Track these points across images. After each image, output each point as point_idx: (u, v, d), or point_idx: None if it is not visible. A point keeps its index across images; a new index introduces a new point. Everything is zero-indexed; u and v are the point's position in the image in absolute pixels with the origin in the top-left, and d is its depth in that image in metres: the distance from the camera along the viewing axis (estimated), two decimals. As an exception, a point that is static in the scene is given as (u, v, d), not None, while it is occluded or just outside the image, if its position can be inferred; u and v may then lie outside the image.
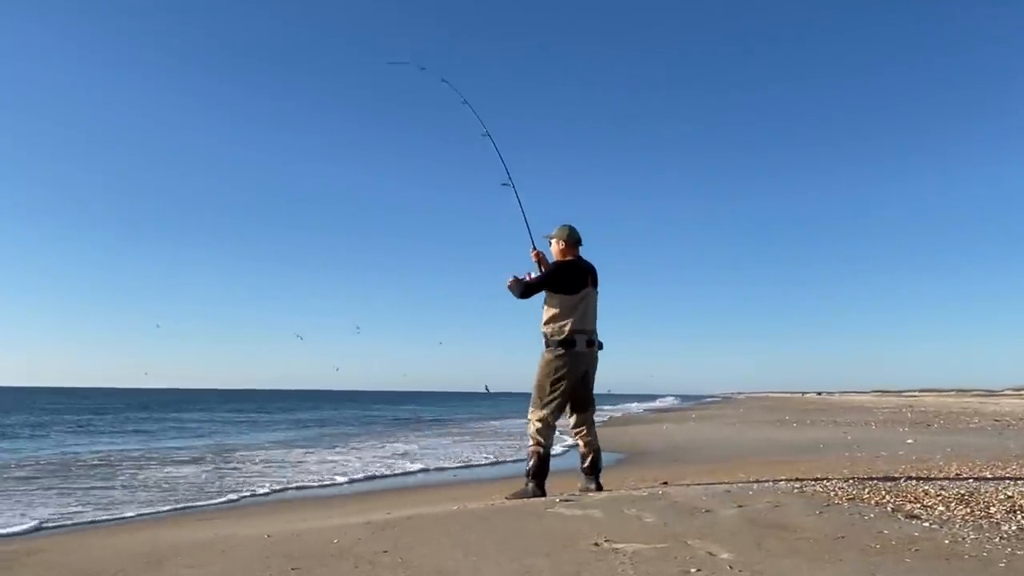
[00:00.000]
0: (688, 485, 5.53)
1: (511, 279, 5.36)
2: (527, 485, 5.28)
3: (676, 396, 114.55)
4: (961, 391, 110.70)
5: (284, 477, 10.33)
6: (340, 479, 10.08)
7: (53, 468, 11.60)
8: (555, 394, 5.29)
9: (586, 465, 5.43)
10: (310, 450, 15.20)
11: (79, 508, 7.60)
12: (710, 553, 3.24)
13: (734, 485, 5.32)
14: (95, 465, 12.15)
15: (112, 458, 13.38)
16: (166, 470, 11.32)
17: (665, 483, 5.96)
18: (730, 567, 3.02)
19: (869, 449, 9.99)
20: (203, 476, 10.46)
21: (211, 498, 8.33)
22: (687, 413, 33.31)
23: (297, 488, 9.27)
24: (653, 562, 3.14)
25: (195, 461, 12.78)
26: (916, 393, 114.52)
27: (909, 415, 23.80)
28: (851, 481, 5.35)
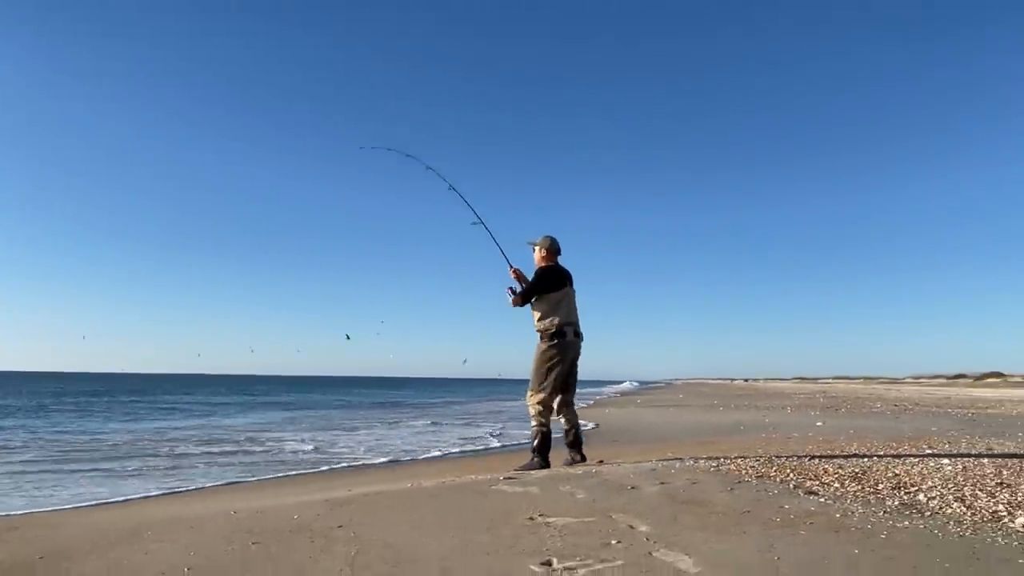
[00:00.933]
0: (620, 464, 5.58)
1: (511, 297, 5.66)
2: (533, 459, 5.56)
3: (634, 381, 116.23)
4: (868, 379, 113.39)
5: (257, 459, 10.17)
6: (308, 457, 9.97)
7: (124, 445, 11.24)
8: (550, 379, 5.54)
9: (570, 440, 5.75)
10: (294, 432, 14.97)
11: (81, 489, 7.38)
12: (631, 526, 3.28)
13: (660, 464, 5.38)
14: (118, 445, 11.82)
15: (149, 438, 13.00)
16: (162, 450, 11.07)
17: (601, 462, 5.99)
18: (647, 539, 3.06)
19: (783, 431, 10.19)
20: (179, 459, 10.24)
21: (191, 479, 8.16)
22: (633, 398, 33.62)
23: (274, 466, 9.13)
24: (579, 534, 3.16)
25: (178, 441, 12.50)
26: (830, 380, 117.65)
27: (821, 400, 24.37)
28: (763, 460, 5.46)
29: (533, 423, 5.63)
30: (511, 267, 5.97)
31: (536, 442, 5.59)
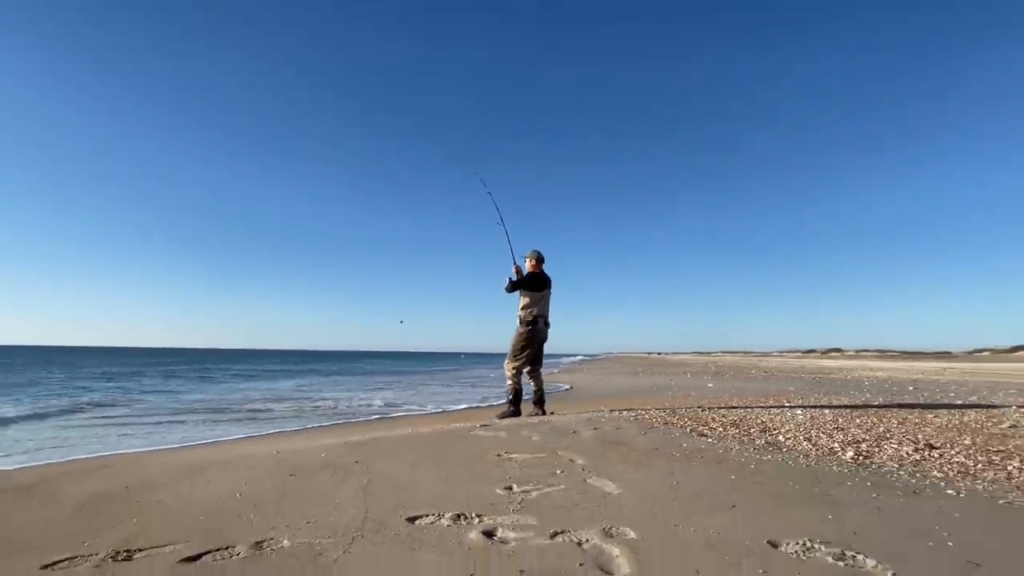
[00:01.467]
0: (566, 415, 5.59)
1: (507, 282, 5.63)
2: (508, 408, 5.61)
3: (582, 355, 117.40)
4: (746, 352, 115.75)
5: (299, 412, 9.97)
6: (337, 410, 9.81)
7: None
8: (523, 354, 5.62)
9: (535, 399, 5.80)
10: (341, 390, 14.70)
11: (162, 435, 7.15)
12: (572, 460, 3.27)
13: (594, 414, 5.39)
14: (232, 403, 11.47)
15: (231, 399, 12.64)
16: (231, 406, 10.79)
17: (552, 413, 6.00)
18: (583, 469, 3.05)
19: (683, 390, 10.27)
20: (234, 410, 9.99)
21: (250, 427, 7.97)
22: (580, 367, 33.69)
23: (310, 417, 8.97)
24: (533, 467, 3.15)
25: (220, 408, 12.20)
26: (718, 353, 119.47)
27: (712, 369, 24.63)
28: (668, 411, 5.50)
29: (509, 382, 5.67)
30: (515, 263, 5.90)
31: (511, 396, 5.65)
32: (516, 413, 5.59)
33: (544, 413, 5.72)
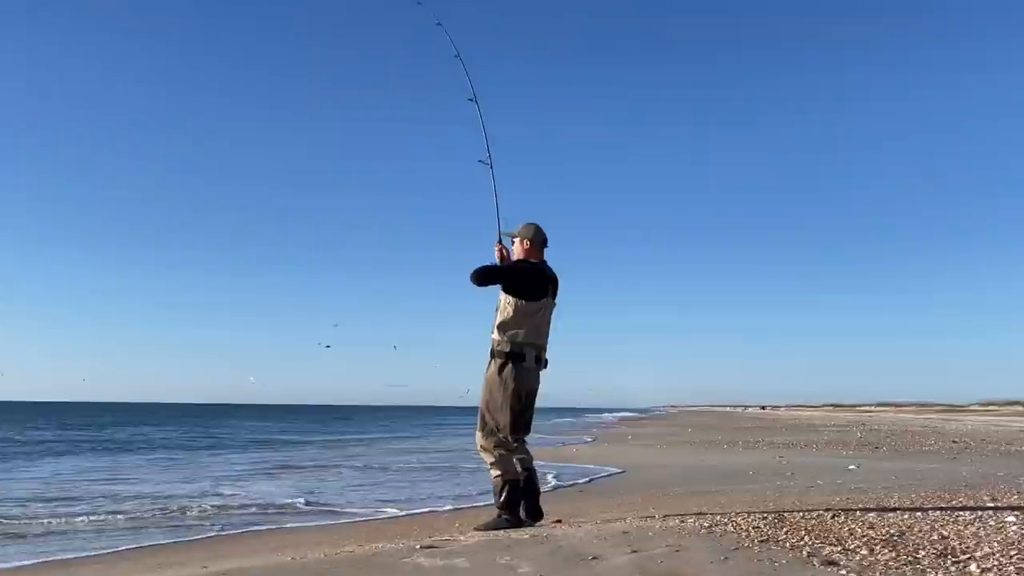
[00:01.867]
0: (583, 524, 5.58)
1: (480, 268, 5.71)
2: (500, 516, 5.69)
3: (627, 410, 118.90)
4: (922, 406, 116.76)
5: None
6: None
7: None
8: (505, 414, 5.65)
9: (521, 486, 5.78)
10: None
11: None
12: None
13: (637, 523, 5.39)
14: None
15: None
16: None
17: (559, 521, 5.99)
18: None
19: (804, 477, 10.40)
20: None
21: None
22: (622, 430, 33.92)
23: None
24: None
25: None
26: (872, 408, 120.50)
27: (858, 435, 24.97)
28: (772, 518, 5.51)
29: (492, 472, 5.74)
30: (498, 242, 6.07)
31: (502, 497, 5.69)
32: (514, 522, 5.68)
33: (539, 515, 5.79)
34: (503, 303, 5.74)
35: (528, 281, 5.75)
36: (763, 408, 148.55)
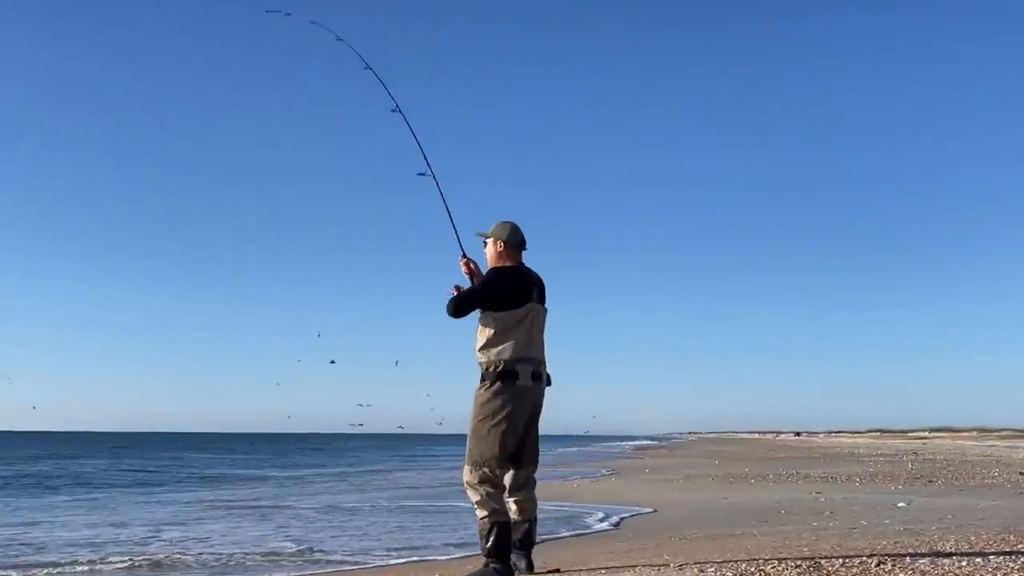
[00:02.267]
0: (585, 574, 5.57)
1: (450, 299, 5.79)
2: (488, 565, 5.61)
3: (644, 438, 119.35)
4: (984, 430, 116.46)
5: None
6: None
7: None
8: (494, 442, 5.59)
9: (519, 537, 5.78)
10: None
11: None
12: None
13: (649, 573, 5.39)
14: None
15: None
16: None
17: (556, 571, 5.98)
18: None
19: (844, 517, 10.37)
20: None
21: None
22: (639, 461, 33.92)
23: None
24: None
25: None
26: (925, 434, 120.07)
27: (910, 466, 25.03)
28: (807, 566, 5.50)
29: (479, 512, 5.68)
30: (462, 255, 6.17)
31: (490, 543, 5.60)
32: (504, 572, 5.63)
33: (531, 567, 5.86)
34: (482, 317, 5.76)
35: (506, 289, 5.76)
36: (798, 435, 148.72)
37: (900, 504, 11.83)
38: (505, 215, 5.99)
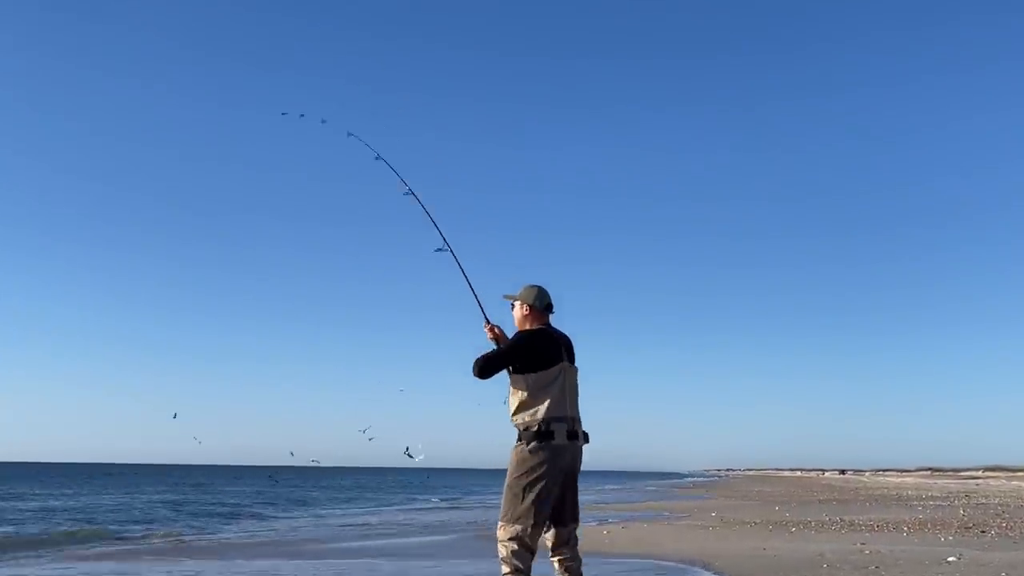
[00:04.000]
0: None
1: (479, 360, 5.97)
2: None
3: (689, 475, 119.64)
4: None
5: None
6: None
7: None
8: (529, 501, 5.74)
9: None
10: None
11: None
12: None
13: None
14: None
15: None
16: None
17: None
18: None
19: (890, 571, 10.04)
20: None
21: None
22: (673, 501, 33.46)
23: None
24: None
25: None
26: (979, 472, 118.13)
27: (961, 512, 24.36)
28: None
29: (503, 568, 5.79)
30: (487, 322, 6.42)
31: None
32: None
33: None
34: (514, 381, 5.95)
35: (534, 350, 5.93)
36: (842, 473, 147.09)
37: (950, 559, 11.36)
38: (531, 278, 6.26)
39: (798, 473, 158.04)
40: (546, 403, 5.79)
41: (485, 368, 5.92)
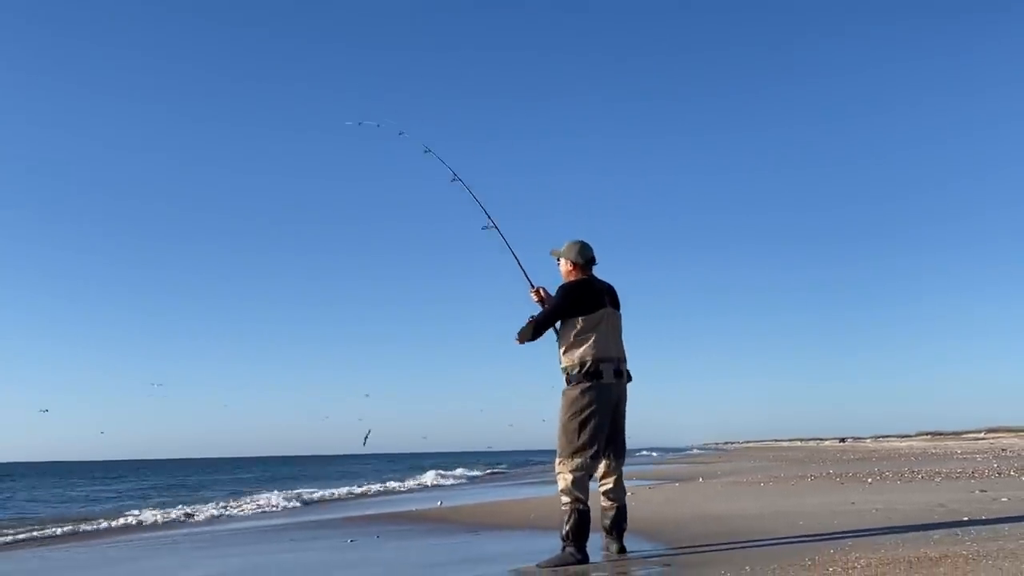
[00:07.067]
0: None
1: (527, 326, 6.76)
2: (564, 548, 6.45)
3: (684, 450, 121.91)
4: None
5: None
6: None
7: None
8: (585, 437, 6.45)
9: (608, 522, 6.79)
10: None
11: None
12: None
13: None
14: None
15: None
16: None
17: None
18: None
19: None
20: None
21: None
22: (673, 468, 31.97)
23: None
24: None
25: None
26: (982, 434, 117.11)
27: (980, 469, 22.84)
28: None
29: (562, 498, 6.51)
30: (532, 287, 7.20)
31: (568, 526, 6.46)
32: (580, 557, 6.39)
33: (623, 550, 6.69)
34: (560, 326, 6.69)
35: (578, 298, 6.60)
36: (843, 440, 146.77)
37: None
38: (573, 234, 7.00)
39: (797, 443, 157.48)
40: (591, 344, 6.45)
41: (538, 327, 6.67)
